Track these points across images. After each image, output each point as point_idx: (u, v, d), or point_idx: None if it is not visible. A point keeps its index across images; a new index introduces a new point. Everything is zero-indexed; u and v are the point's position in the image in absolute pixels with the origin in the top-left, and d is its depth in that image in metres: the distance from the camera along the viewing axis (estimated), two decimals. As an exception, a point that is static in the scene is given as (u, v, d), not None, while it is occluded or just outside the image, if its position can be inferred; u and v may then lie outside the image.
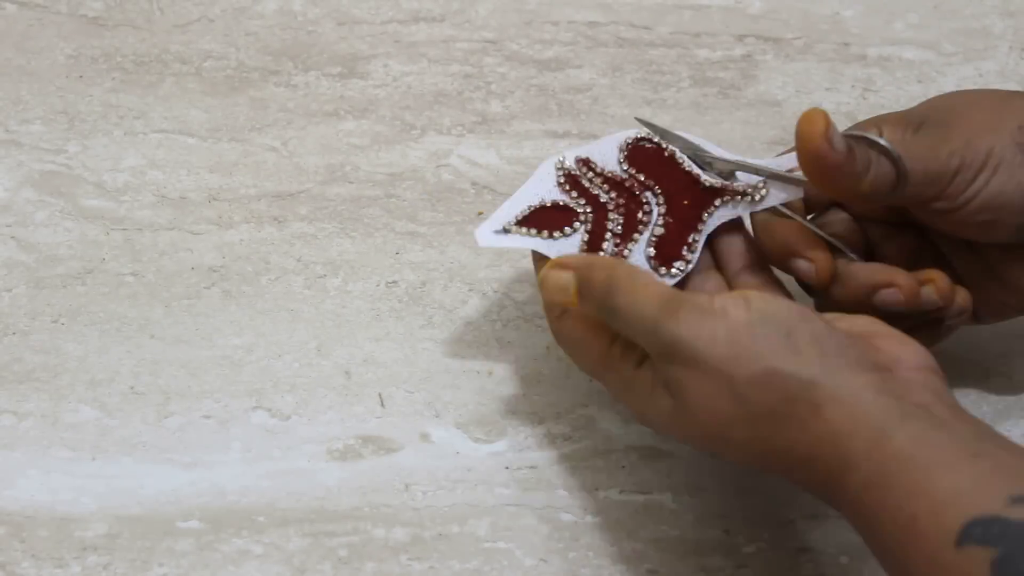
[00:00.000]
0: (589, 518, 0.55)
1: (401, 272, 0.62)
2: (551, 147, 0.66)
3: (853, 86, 0.69)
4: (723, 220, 0.54)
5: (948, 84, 0.68)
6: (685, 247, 0.54)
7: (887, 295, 0.52)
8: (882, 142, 0.50)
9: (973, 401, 0.58)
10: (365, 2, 0.72)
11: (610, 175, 0.55)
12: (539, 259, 0.54)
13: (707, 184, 0.54)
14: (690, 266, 0.53)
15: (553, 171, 0.55)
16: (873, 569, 0.53)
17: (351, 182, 0.65)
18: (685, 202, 0.54)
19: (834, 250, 0.53)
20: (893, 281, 0.52)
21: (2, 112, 0.67)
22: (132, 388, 0.58)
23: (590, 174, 0.55)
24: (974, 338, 0.60)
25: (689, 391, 0.46)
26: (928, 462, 0.42)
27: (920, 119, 0.52)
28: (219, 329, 0.60)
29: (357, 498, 0.55)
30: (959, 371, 0.59)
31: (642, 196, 0.54)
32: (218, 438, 0.56)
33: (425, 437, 0.57)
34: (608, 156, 0.55)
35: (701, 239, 0.54)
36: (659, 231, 0.54)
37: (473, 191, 0.65)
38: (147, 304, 0.60)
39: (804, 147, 0.50)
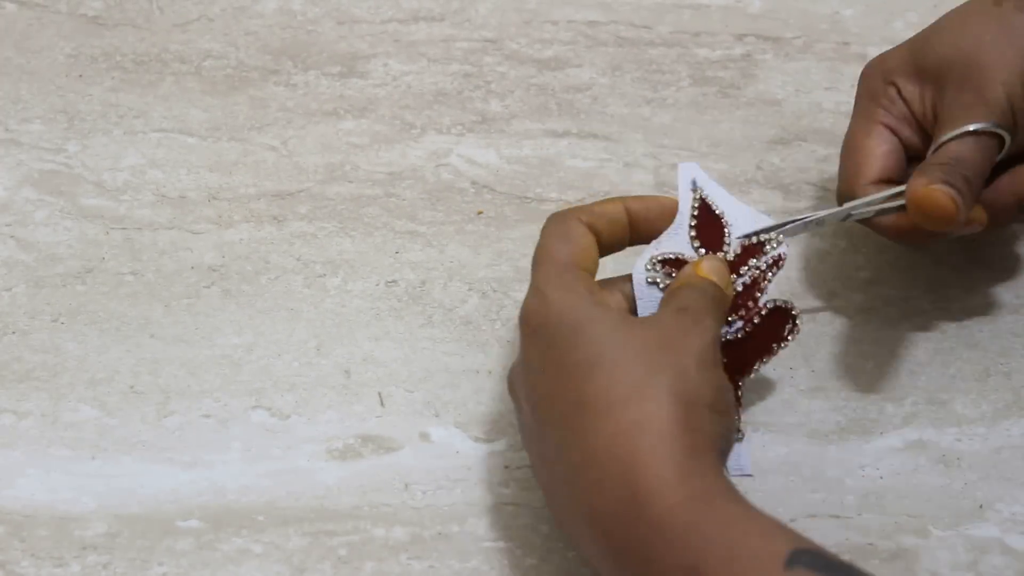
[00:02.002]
0: (589, 517, 0.55)
1: (401, 271, 0.62)
2: (551, 146, 0.66)
3: (853, 85, 0.68)
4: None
5: (948, 83, 0.68)
6: None
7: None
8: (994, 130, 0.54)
9: (973, 401, 0.58)
10: (365, 1, 0.72)
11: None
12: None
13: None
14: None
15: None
16: (872, 569, 0.53)
17: (351, 181, 0.65)
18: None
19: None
20: None
21: (2, 111, 0.67)
22: (132, 387, 0.58)
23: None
24: (974, 337, 0.60)
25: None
26: (747, 506, 0.45)
27: (936, 65, 0.55)
28: (219, 328, 0.60)
29: (357, 497, 0.55)
30: (959, 371, 0.59)
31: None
32: (218, 437, 0.56)
33: (425, 436, 0.57)
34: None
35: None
36: None
37: (473, 190, 0.65)
38: (147, 303, 0.60)
39: (938, 225, 0.52)
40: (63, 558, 0.53)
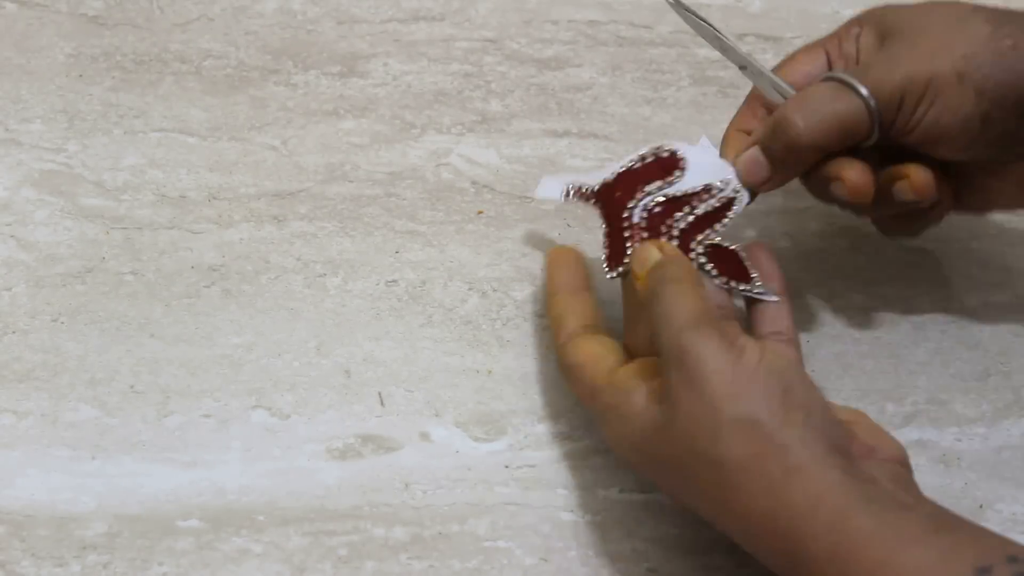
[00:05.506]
0: (589, 517, 0.55)
1: (401, 271, 0.62)
2: (551, 146, 0.66)
3: (853, 85, 0.69)
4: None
5: (948, 83, 0.68)
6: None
7: (835, 187, 0.54)
8: (857, 88, 0.53)
9: (973, 401, 0.58)
10: (365, 1, 0.72)
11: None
12: (556, 267, 0.56)
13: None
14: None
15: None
16: (873, 568, 0.53)
17: (351, 181, 0.65)
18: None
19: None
20: (840, 175, 0.54)
21: (2, 111, 0.67)
22: (132, 387, 0.58)
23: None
24: (974, 337, 0.60)
25: (680, 405, 0.47)
26: (892, 538, 0.42)
27: (890, 28, 0.54)
28: (219, 328, 0.60)
29: (357, 497, 0.55)
30: (959, 371, 0.59)
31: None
32: (218, 437, 0.56)
33: (425, 436, 0.57)
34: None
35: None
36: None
37: (473, 190, 0.65)
38: (147, 303, 0.60)
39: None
40: (63, 558, 0.53)
